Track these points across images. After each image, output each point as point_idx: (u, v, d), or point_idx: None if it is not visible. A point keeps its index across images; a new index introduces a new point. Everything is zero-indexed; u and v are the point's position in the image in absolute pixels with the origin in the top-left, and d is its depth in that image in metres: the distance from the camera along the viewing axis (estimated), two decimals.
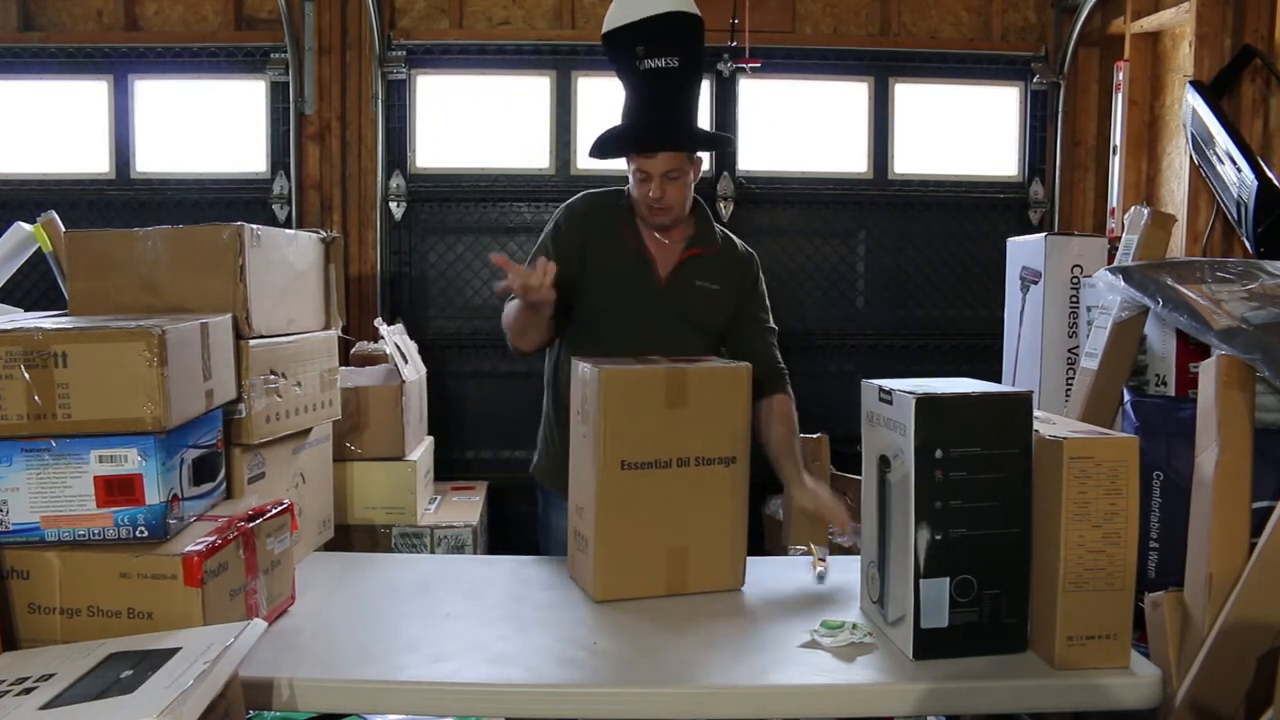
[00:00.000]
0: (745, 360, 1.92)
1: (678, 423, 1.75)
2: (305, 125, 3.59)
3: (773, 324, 2.24)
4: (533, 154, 3.75)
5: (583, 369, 1.81)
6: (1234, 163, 2.84)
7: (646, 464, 1.75)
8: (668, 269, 2.14)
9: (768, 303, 2.24)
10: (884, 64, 3.79)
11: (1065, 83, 3.77)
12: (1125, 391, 2.05)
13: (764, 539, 3.30)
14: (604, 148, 2.18)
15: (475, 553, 2.83)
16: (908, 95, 3.84)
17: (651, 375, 1.76)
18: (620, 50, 2.08)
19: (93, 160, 3.65)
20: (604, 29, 2.10)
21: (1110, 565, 1.47)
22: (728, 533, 1.81)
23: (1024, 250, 2.91)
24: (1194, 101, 3.00)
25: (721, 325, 2.18)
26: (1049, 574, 1.48)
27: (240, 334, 1.75)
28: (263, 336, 1.82)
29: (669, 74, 2.06)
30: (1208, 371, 1.69)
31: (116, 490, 1.44)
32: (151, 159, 3.66)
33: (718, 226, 2.23)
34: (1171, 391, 2.00)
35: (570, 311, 2.11)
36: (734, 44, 3.55)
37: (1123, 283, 1.96)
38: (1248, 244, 2.85)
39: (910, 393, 1.49)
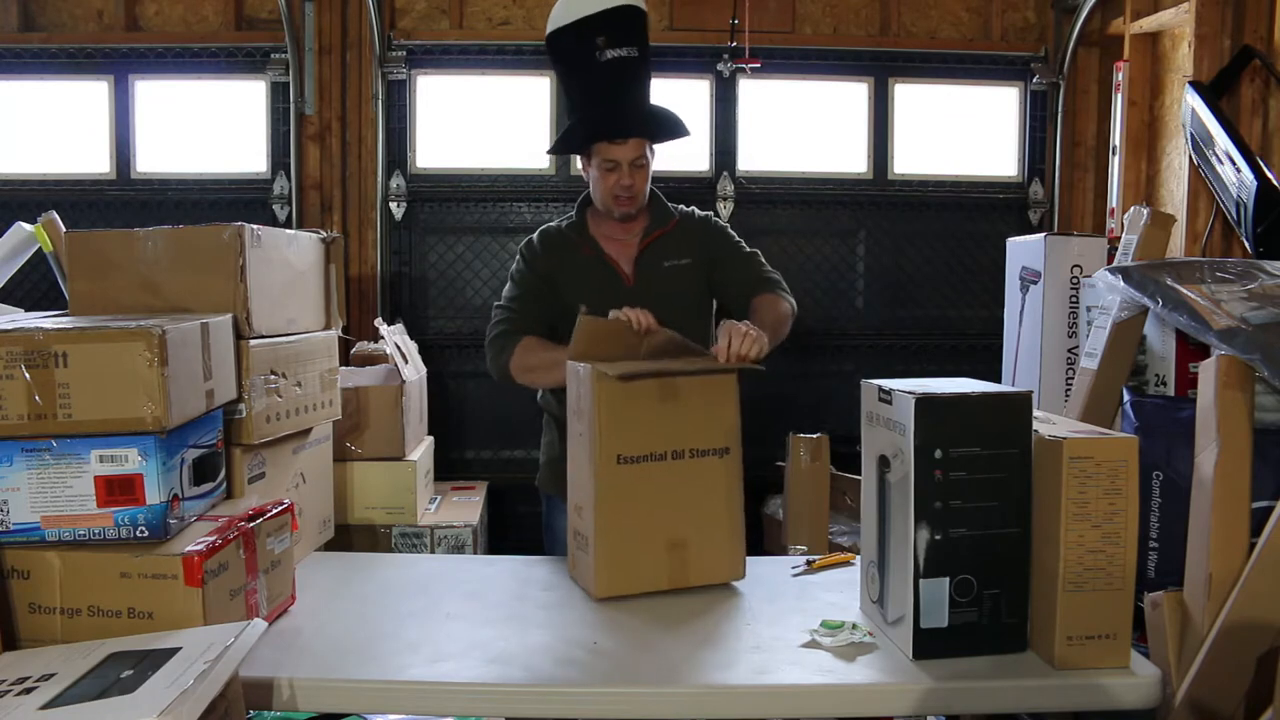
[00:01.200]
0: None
1: (671, 416, 1.77)
2: (305, 125, 3.59)
3: (752, 249, 2.28)
4: (533, 154, 3.75)
5: (577, 368, 1.82)
6: (1233, 163, 2.84)
7: (642, 457, 1.75)
8: (631, 264, 2.19)
9: (738, 237, 2.29)
10: (884, 64, 3.79)
11: (1065, 83, 3.77)
12: (1125, 391, 2.04)
13: (764, 539, 3.30)
14: (572, 140, 2.20)
15: (475, 553, 2.84)
16: (907, 95, 3.84)
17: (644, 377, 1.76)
18: (576, 44, 2.12)
19: (93, 160, 3.66)
20: (554, 26, 2.14)
21: (1110, 565, 1.47)
22: (725, 523, 1.82)
23: (1024, 250, 2.91)
24: (1193, 102, 3.00)
25: (707, 290, 2.23)
26: (1049, 574, 1.48)
27: (240, 334, 1.75)
28: (263, 336, 1.82)
29: (630, 63, 2.11)
30: (1207, 371, 1.69)
31: (117, 490, 1.44)
32: (152, 159, 3.66)
33: (671, 204, 2.26)
34: (1171, 391, 2.00)
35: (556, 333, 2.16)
36: (734, 44, 3.56)
37: (1122, 283, 1.96)
38: (1247, 244, 2.85)
39: (910, 393, 1.49)
